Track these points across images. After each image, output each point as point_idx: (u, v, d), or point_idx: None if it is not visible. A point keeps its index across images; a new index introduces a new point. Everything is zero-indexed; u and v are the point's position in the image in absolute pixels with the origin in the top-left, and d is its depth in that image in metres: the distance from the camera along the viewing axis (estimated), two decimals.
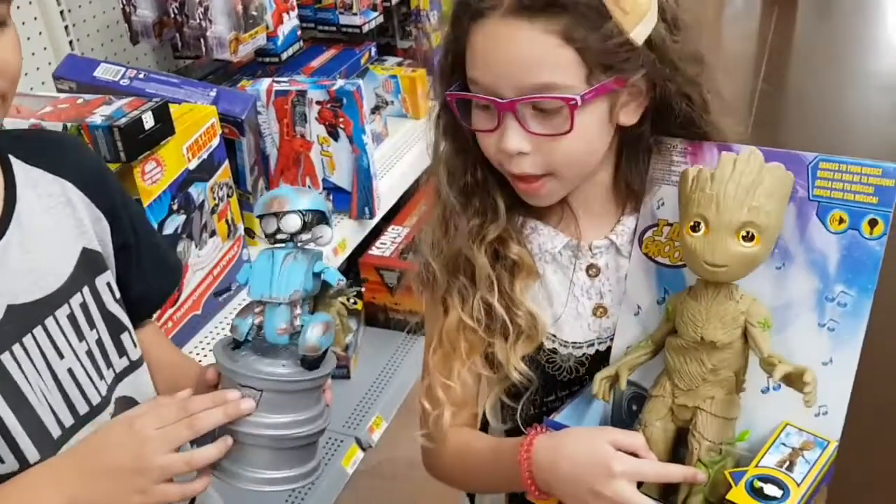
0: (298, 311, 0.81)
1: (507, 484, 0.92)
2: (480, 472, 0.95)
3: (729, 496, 0.77)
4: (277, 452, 0.81)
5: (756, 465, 0.80)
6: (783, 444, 0.83)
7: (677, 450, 0.87)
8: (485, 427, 1.03)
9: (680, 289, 0.89)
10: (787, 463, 0.81)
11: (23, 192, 0.84)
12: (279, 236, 0.81)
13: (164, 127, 1.28)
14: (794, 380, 0.81)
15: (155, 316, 1.10)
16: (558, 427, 0.88)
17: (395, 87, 2.31)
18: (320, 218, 0.82)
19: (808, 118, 4.06)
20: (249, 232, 1.61)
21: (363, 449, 2.06)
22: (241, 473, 0.81)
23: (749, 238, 0.80)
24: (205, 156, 1.40)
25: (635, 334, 0.94)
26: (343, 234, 1.79)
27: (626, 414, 0.95)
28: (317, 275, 0.81)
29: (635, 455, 0.81)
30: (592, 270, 0.96)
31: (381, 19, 2.17)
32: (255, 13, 1.62)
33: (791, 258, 0.86)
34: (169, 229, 1.35)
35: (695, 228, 0.81)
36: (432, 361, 0.95)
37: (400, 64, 2.34)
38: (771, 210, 0.80)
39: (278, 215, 0.80)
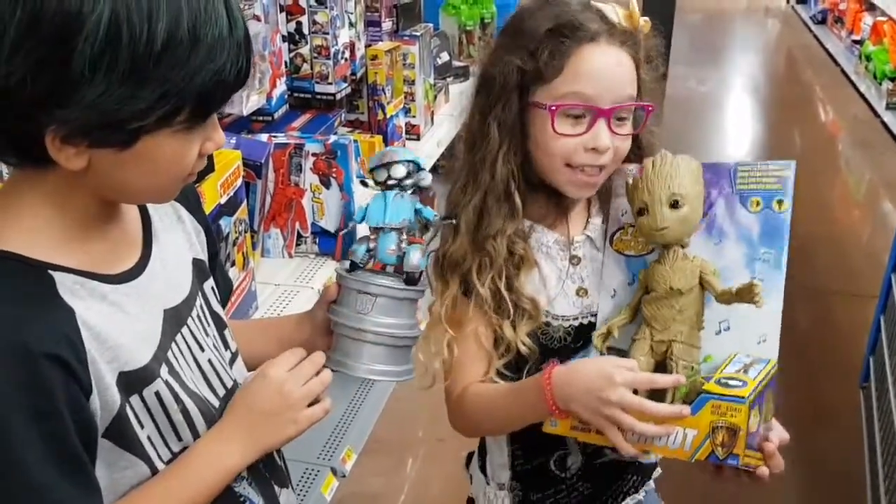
0: (404, 236, 1.04)
1: (527, 412, 1.14)
2: (503, 408, 1.18)
3: (706, 387, 1.05)
4: (383, 349, 1.03)
5: (721, 372, 1.09)
6: (737, 362, 1.12)
7: None
8: None
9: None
10: (743, 371, 1.09)
11: (151, 213, 0.97)
12: (389, 182, 1.06)
13: (208, 164, 1.50)
14: (746, 292, 1.09)
15: None
16: None
17: (354, 150, 2.59)
18: (418, 167, 1.07)
19: None
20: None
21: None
22: (355, 365, 1.03)
23: (677, 205, 1.11)
24: (231, 193, 1.64)
25: (612, 310, 1.24)
26: (328, 275, 2.02)
27: None
28: (417, 211, 1.06)
29: None
30: (575, 260, 1.25)
31: (348, 90, 2.47)
32: (259, 75, 1.88)
33: (726, 235, 1.18)
34: None
35: (640, 213, 1.13)
36: (444, 323, 1.19)
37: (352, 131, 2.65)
38: (687, 183, 1.12)
39: (388, 166, 1.05)
